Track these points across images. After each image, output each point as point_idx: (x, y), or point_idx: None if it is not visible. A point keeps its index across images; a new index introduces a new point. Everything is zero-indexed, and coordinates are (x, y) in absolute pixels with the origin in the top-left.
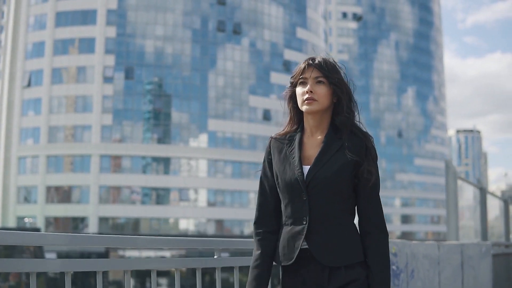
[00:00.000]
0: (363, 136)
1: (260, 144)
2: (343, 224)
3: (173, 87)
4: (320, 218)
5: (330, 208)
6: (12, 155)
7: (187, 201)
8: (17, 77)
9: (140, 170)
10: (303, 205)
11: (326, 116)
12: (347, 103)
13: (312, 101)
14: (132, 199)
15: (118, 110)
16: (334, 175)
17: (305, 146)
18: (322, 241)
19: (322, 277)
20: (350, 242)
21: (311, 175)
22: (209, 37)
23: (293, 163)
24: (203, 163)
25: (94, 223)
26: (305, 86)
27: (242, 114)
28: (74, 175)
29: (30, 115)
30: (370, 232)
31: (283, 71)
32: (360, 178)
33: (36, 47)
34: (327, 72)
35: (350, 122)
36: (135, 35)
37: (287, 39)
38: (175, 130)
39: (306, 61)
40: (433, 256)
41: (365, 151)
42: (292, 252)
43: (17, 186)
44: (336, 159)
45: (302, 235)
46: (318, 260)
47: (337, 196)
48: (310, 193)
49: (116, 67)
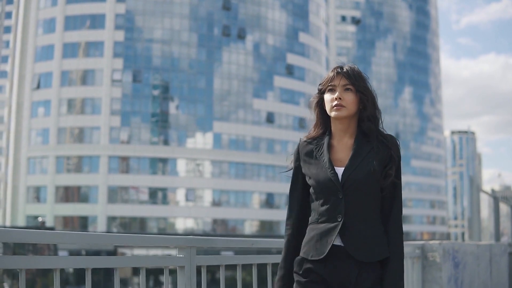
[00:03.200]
0: (387, 141)
1: (264, 146)
2: (373, 222)
3: (179, 89)
4: (354, 216)
5: (362, 207)
6: (22, 155)
7: (192, 201)
8: (26, 80)
9: (147, 170)
10: (339, 203)
11: (353, 121)
12: (372, 110)
13: (341, 107)
14: (139, 199)
15: (126, 112)
16: (366, 177)
17: (335, 149)
18: (355, 237)
19: (351, 272)
20: (379, 239)
21: (346, 176)
22: (214, 41)
23: (324, 165)
24: (208, 164)
25: (102, 222)
26: (334, 93)
27: (246, 117)
28: (83, 175)
29: (39, 116)
30: (388, 231)
31: (286, 75)
32: (385, 181)
33: (45, 50)
34: (354, 80)
35: (376, 128)
36: (143, 39)
37: (290, 43)
38: (181, 132)
39: (334, 70)
40: (475, 253)
41: (390, 155)
42: (324, 247)
43: (26, 186)
44: (367, 162)
45: (336, 231)
46: (351, 256)
47: (369, 196)
48: (346, 192)
49: (124, 70)
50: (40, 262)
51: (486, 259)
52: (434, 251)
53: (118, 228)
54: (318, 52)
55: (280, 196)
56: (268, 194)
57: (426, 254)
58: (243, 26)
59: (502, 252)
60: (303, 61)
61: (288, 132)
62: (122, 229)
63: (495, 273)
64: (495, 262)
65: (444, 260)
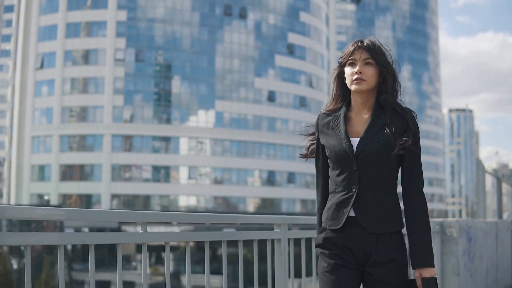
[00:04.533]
0: (404, 113)
1: (265, 124)
2: (387, 193)
3: (181, 69)
4: (368, 187)
5: (377, 178)
6: (26, 134)
7: (194, 179)
8: (30, 59)
9: (150, 149)
10: (353, 174)
11: (372, 94)
12: (392, 83)
13: (361, 81)
14: (142, 177)
15: (129, 91)
16: (380, 148)
17: (352, 122)
18: (369, 208)
19: (369, 243)
20: (394, 210)
21: (361, 148)
22: (216, 20)
23: (340, 136)
24: (210, 142)
25: (106, 200)
26: (354, 67)
27: (248, 95)
28: (87, 154)
29: (43, 95)
30: (409, 199)
31: (286, 54)
32: (402, 149)
33: (48, 30)
34: (375, 54)
35: (393, 101)
36: (145, 18)
37: (291, 22)
38: (184, 111)
39: (355, 43)
40: (484, 229)
41: (406, 126)
42: (340, 218)
43: (30, 164)
44: (382, 133)
45: (351, 202)
46: (364, 227)
47: (383, 167)
48: (360, 163)
49: (126, 49)
50: (45, 239)
51: (493, 235)
52: (451, 227)
53: (121, 206)
54: (319, 31)
55: (281, 173)
56: (269, 172)
57: (445, 229)
58: (245, 6)
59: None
60: (304, 40)
61: (289, 110)
62: (126, 207)
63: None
64: (500, 238)
65: (459, 235)
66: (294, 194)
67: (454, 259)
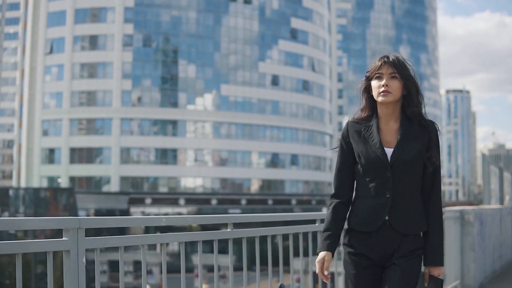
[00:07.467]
0: (428, 126)
1: (269, 108)
2: (416, 199)
3: (187, 54)
4: (400, 193)
5: (408, 185)
6: (36, 118)
7: (201, 161)
8: (39, 44)
9: (158, 132)
10: (388, 181)
11: (397, 106)
12: (416, 96)
13: (388, 93)
14: (150, 160)
15: (137, 76)
16: (412, 158)
17: (382, 132)
18: (400, 213)
19: (395, 242)
20: (419, 214)
21: (395, 157)
22: (221, 6)
23: (374, 145)
24: (216, 125)
25: (115, 182)
26: (381, 80)
27: (252, 79)
28: (96, 137)
29: (52, 80)
30: (430, 207)
31: (290, 39)
32: (430, 162)
33: (57, 16)
34: (399, 69)
35: (419, 113)
36: (152, 4)
37: (294, 7)
38: (190, 95)
39: (381, 59)
40: (491, 214)
41: (429, 139)
42: (375, 221)
43: (41, 147)
44: (413, 144)
45: (387, 207)
46: (395, 229)
47: (413, 175)
48: (394, 171)
49: (134, 35)
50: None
51: (498, 218)
52: (468, 214)
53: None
54: (321, 15)
55: (285, 155)
56: (273, 154)
57: (463, 215)
58: None
59: (507, 213)
60: (307, 25)
61: (292, 94)
62: (134, 188)
63: (504, 229)
64: (503, 221)
65: (474, 220)
66: (297, 175)
67: (471, 238)
